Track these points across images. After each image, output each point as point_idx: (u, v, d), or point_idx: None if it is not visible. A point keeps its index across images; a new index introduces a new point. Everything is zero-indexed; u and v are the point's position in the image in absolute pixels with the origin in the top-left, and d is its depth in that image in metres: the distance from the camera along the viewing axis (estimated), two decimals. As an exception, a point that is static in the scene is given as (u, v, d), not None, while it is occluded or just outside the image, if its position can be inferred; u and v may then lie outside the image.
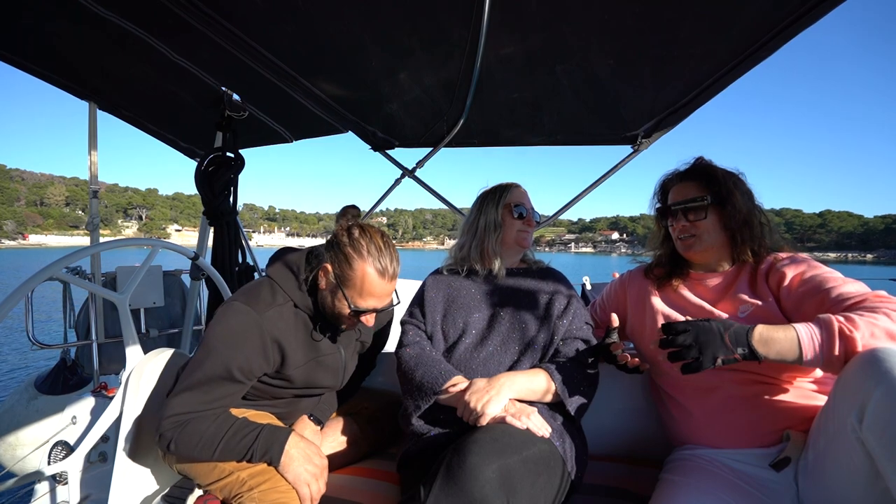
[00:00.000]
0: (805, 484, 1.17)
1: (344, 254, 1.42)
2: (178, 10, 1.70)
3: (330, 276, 1.44)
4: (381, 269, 1.42)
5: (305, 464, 1.36)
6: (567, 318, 1.55)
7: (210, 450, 1.31)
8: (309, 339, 1.52)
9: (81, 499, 1.75)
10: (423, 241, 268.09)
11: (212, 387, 1.34)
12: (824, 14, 1.50)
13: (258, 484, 1.31)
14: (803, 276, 1.33)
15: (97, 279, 3.14)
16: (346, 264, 1.42)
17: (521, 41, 1.86)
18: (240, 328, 1.37)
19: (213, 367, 1.34)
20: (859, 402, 0.98)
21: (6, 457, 2.76)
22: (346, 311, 1.45)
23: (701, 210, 1.49)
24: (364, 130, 2.92)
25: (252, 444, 1.33)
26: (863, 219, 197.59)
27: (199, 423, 1.32)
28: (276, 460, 1.34)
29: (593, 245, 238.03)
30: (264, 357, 1.40)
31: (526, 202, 1.73)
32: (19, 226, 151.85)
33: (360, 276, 1.41)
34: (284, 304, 1.46)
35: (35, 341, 2.84)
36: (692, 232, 1.50)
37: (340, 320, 1.49)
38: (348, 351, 1.67)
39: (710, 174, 1.51)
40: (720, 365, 1.15)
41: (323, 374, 1.57)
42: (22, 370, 7.93)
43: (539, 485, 1.14)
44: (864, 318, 1.10)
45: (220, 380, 1.35)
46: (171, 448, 1.31)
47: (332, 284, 1.45)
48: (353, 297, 1.43)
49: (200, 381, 1.34)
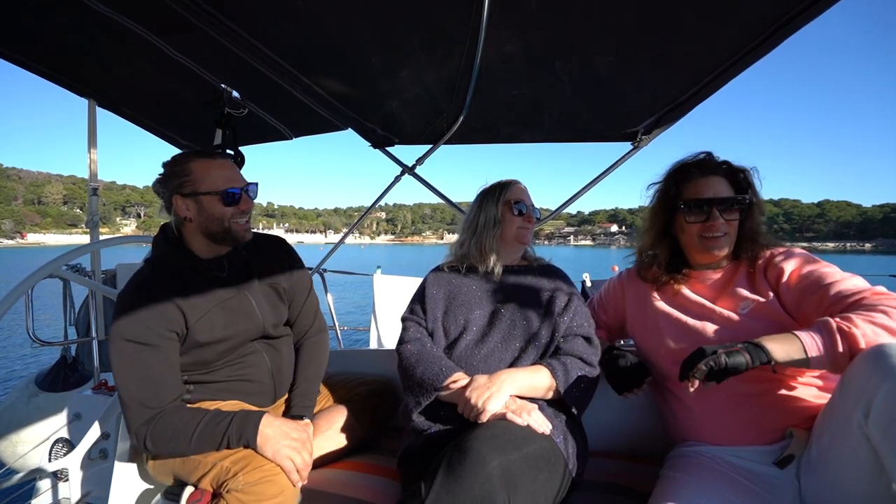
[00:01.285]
0: (807, 480, 1.17)
1: (174, 174, 1.49)
2: (177, 8, 1.70)
3: (184, 201, 1.48)
4: (204, 154, 1.55)
5: (282, 439, 1.38)
6: (568, 315, 1.55)
7: (186, 441, 1.34)
8: (200, 288, 1.51)
9: (82, 496, 1.75)
10: (423, 236, 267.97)
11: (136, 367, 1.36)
12: (825, 9, 1.49)
13: (242, 468, 1.32)
14: (801, 271, 1.33)
15: (97, 276, 3.14)
16: (183, 178, 1.47)
17: (521, 38, 1.85)
18: (125, 302, 1.40)
19: (122, 350, 1.37)
20: (866, 398, 0.97)
21: (7, 454, 2.77)
22: (220, 206, 1.48)
23: (739, 209, 1.45)
24: (364, 127, 2.91)
25: (226, 429, 1.35)
26: (861, 208, 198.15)
27: (169, 417, 1.36)
28: (252, 441, 1.36)
29: (592, 238, 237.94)
30: (159, 316, 1.40)
31: (526, 199, 1.73)
32: (17, 225, 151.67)
33: (196, 170, 1.48)
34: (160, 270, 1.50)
35: (35, 338, 2.84)
36: (725, 230, 1.45)
37: (226, 222, 1.50)
38: (256, 294, 1.62)
39: (737, 172, 1.48)
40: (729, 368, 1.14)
41: (236, 319, 1.55)
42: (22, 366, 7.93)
43: (540, 481, 1.15)
44: (861, 316, 1.11)
45: (133, 354, 1.37)
46: (149, 447, 1.34)
47: (191, 203, 1.48)
48: (210, 187, 1.47)
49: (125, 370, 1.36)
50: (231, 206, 1.50)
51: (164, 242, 1.54)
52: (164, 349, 1.41)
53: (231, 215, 1.50)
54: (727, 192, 1.46)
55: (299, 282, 1.79)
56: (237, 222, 1.53)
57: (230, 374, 1.59)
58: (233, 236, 1.53)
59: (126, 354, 1.37)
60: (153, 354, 1.39)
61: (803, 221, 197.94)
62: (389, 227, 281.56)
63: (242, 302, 1.59)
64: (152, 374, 1.38)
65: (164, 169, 1.52)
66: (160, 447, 1.35)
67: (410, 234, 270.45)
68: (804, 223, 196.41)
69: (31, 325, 2.81)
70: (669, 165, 1.59)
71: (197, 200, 1.48)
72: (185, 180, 1.47)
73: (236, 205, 1.51)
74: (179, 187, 1.47)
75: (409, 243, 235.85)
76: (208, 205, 1.48)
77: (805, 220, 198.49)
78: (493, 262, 1.67)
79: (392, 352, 1.70)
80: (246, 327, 1.58)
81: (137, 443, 1.35)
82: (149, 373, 1.38)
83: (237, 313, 1.56)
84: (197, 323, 1.46)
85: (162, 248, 1.53)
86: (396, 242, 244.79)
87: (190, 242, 1.54)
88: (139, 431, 1.34)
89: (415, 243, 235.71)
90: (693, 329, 1.45)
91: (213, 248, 1.57)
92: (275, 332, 1.68)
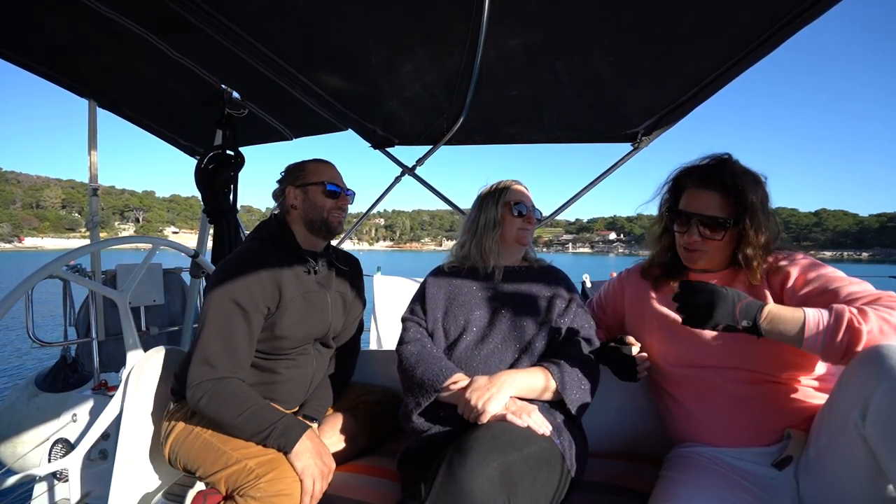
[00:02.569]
0: (805, 481, 1.17)
1: (291, 171, 1.73)
2: (178, 8, 1.70)
3: (293, 192, 1.70)
4: (318, 160, 1.76)
5: (316, 458, 1.40)
6: (568, 317, 1.56)
7: (235, 414, 1.38)
8: (295, 273, 1.63)
9: (82, 496, 1.75)
10: (421, 243, 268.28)
11: (227, 328, 1.45)
12: (824, 11, 1.49)
13: (265, 473, 1.33)
14: (807, 275, 1.30)
15: (97, 277, 3.14)
16: (297, 173, 1.71)
17: (522, 38, 1.86)
18: (233, 267, 1.52)
19: (219, 308, 1.46)
20: (863, 399, 0.98)
21: (7, 454, 2.76)
22: (322, 197, 1.68)
23: (719, 230, 1.37)
24: (364, 128, 2.92)
25: (274, 423, 1.39)
26: (858, 217, 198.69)
27: (234, 386, 1.42)
28: (290, 446, 1.38)
29: (591, 245, 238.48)
30: (261, 287, 1.51)
31: (526, 200, 1.72)
32: (15, 228, 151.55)
33: (310, 168, 1.72)
34: (267, 249, 1.62)
35: (35, 339, 2.84)
36: (702, 248, 1.41)
37: (325, 213, 1.69)
38: (332, 295, 1.74)
39: (738, 192, 1.35)
40: (720, 330, 1.18)
41: (314, 313, 1.66)
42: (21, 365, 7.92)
43: (539, 482, 1.15)
44: (878, 312, 1.07)
45: (231, 316, 1.46)
46: (202, 403, 1.39)
47: (299, 192, 1.70)
48: (317, 179, 1.70)
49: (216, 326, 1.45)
50: (331, 198, 1.70)
51: (273, 225, 1.71)
52: (254, 322, 1.50)
53: (330, 207, 1.69)
54: (715, 211, 1.37)
55: (359, 299, 1.93)
56: (334, 215, 1.71)
57: (282, 366, 1.64)
58: (328, 227, 1.70)
59: (225, 313, 1.46)
60: (244, 323, 1.48)
61: (800, 230, 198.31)
62: (388, 234, 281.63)
63: (322, 299, 1.70)
64: (236, 341, 1.47)
65: (286, 170, 1.76)
66: (211, 408, 1.39)
67: (409, 241, 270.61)
68: (801, 232, 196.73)
69: (31, 325, 2.81)
70: (679, 165, 1.53)
71: (305, 190, 1.69)
72: (299, 174, 1.71)
73: (335, 199, 1.71)
74: (294, 180, 1.70)
75: (408, 250, 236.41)
76: (313, 194, 1.68)
77: (802, 229, 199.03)
78: (493, 264, 1.67)
79: (392, 353, 1.70)
80: (317, 323, 1.68)
81: (192, 396, 1.40)
82: (235, 338, 1.47)
83: (316, 308, 1.67)
84: (287, 304, 1.57)
85: (270, 229, 1.69)
86: (395, 249, 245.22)
87: (293, 230, 1.71)
88: (202, 386, 1.39)
89: (413, 250, 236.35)
90: (688, 330, 1.44)
91: (311, 241, 1.73)
92: (331, 339, 1.78)
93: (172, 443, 1.52)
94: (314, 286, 1.68)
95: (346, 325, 1.86)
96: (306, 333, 1.65)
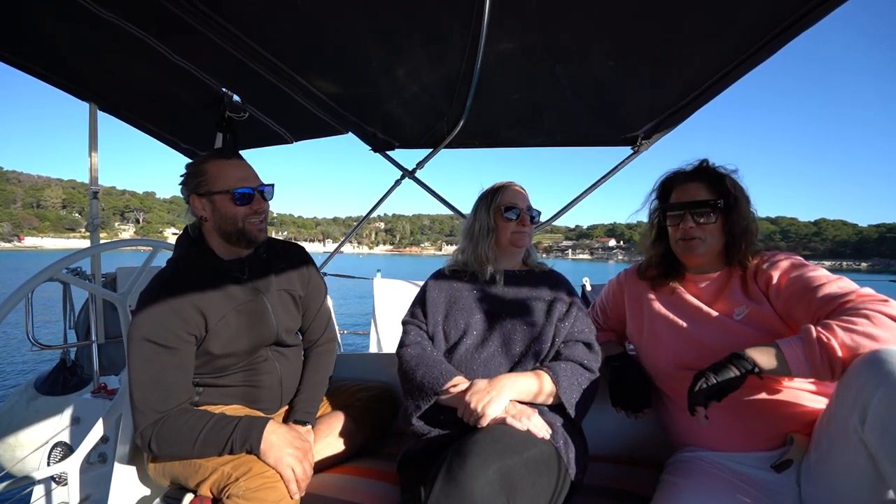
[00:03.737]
0: (807, 486, 1.17)
1: (192, 174, 1.53)
2: (178, 12, 1.71)
3: (199, 200, 1.51)
4: (220, 155, 1.58)
5: (286, 447, 1.38)
6: (569, 321, 1.55)
7: (190, 443, 1.34)
8: (220, 290, 1.52)
9: (81, 499, 1.75)
10: (421, 247, 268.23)
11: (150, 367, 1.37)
12: (824, 15, 1.50)
13: (243, 473, 1.31)
14: (789, 276, 1.34)
15: (97, 280, 3.14)
16: (199, 178, 1.51)
17: (521, 42, 1.86)
18: (146, 301, 1.41)
19: (137, 350, 1.37)
20: (861, 403, 0.98)
21: (6, 457, 2.76)
22: (232, 206, 1.50)
23: (712, 212, 1.46)
24: (364, 131, 2.92)
25: (231, 433, 1.35)
26: (857, 227, 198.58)
27: (175, 420, 1.36)
28: (255, 447, 1.36)
29: (590, 252, 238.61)
30: (179, 318, 1.41)
31: (519, 201, 1.71)
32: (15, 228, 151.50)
33: (211, 171, 1.50)
34: (181, 272, 1.51)
35: (35, 342, 2.84)
36: (698, 234, 1.47)
37: (239, 222, 1.52)
38: (271, 297, 1.63)
39: (719, 178, 1.49)
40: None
41: (253, 323, 1.56)
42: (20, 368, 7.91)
43: (539, 486, 1.14)
44: (841, 323, 1.11)
45: (150, 356, 1.37)
46: (153, 448, 1.34)
47: (206, 203, 1.51)
48: (222, 186, 1.49)
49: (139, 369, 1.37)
50: (243, 205, 1.51)
51: (186, 242, 1.56)
52: (181, 353, 1.42)
53: (244, 215, 1.52)
54: (704, 196, 1.47)
55: (315, 291, 1.80)
56: (251, 222, 1.54)
57: (241, 379, 1.60)
58: (246, 237, 1.54)
59: (143, 354, 1.37)
60: (169, 357, 1.40)
61: (800, 239, 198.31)
62: (388, 238, 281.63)
63: (259, 306, 1.59)
64: (166, 377, 1.39)
65: (185, 171, 1.56)
66: (164, 449, 1.35)
67: (409, 245, 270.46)
68: (801, 241, 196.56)
69: (30, 328, 2.81)
70: (662, 174, 1.62)
71: (211, 200, 1.50)
72: (200, 180, 1.50)
73: (248, 204, 1.52)
74: (196, 187, 1.51)
75: (408, 254, 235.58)
76: (221, 204, 1.50)
77: (802, 239, 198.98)
78: (490, 270, 1.68)
79: (392, 356, 1.70)
80: (260, 332, 1.59)
81: (142, 444, 1.36)
82: (162, 375, 1.38)
83: (254, 317, 1.57)
84: (216, 325, 1.48)
85: (185, 247, 1.55)
86: (395, 253, 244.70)
87: (210, 243, 1.57)
88: (145, 433, 1.35)
89: (413, 254, 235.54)
90: (688, 333, 1.45)
91: (232, 250, 1.59)
92: (287, 339, 1.68)
93: (152, 463, 1.50)
94: (247, 295, 1.57)
95: (308, 319, 1.80)
96: (251, 345, 1.57)
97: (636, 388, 1.59)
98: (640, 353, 1.64)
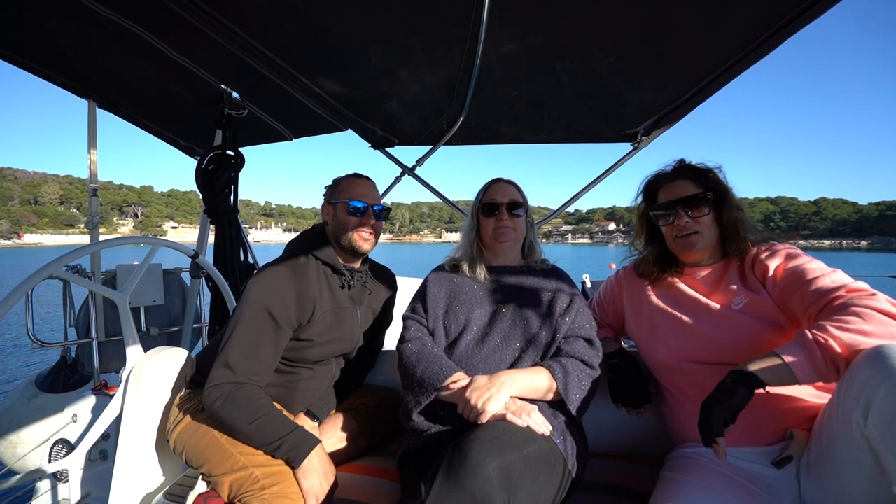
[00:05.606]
0: (807, 481, 1.17)
1: (331, 186, 1.76)
2: (177, 9, 1.70)
3: (327, 207, 1.73)
4: (354, 175, 1.77)
5: (322, 478, 1.38)
6: (569, 317, 1.55)
7: (249, 420, 1.37)
8: (330, 289, 1.66)
9: (82, 497, 1.75)
10: (421, 235, 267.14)
11: (256, 336, 1.46)
12: (825, 10, 1.50)
13: (271, 485, 1.32)
14: (785, 267, 1.36)
15: (97, 277, 3.14)
16: (334, 189, 1.75)
17: (521, 38, 1.85)
18: (275, 278, 1.53)
19: (253, 315, 1.46)
20: (864, 399, 0.98)
21: (7, 455, 2.77)
22: (345, 215, 1.67)
23: (704, 205, 1.49)
24: (363, 128, 2.91)
25: (285, 435, 1.38)
26: (857, 206, 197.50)
27: (251, 392, 1.42)
28: (298, 461, 1.36)
29: (590, 236, 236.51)
30: (297, 302, 1.53)
31: (499, 197, 1.71)
32: (14, 225, 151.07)
33: (343, 185, 1.73)
34: (307, 261, 1.64)
35: (35, 339, 2.84)
36: (695, 228, 1.49)
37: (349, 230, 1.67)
38: (362, 311, 1.78)
39: (703, 172, 1.54)
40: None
41: (342, 328, 1.68)
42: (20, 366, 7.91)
43: (540, 482, 1.15)
44: (834, 323, 1.12)
45: (262, 325, 1.46)
46: (218, 405, 1.38)
47: (330, 209, 1.72)
48: (344, 197, 1.69)
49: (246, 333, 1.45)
50: (355, 216, 1.67)
51: (315, 237, 1.74)
52: (283, 336, 1.53)
53: (354, 225, 1.67)
54: (692, 190, 1.51)
55: (387, 315, 1.96)
56: (359, 232, 1.68)
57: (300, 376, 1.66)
58: (352, 245, 1.68)
59: (256, 320, 1.47)
60: (274, 335, 1.50)
61: (800, 219, 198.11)
62: (387, 226, 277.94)
63: (352, 316, 1.72)
64: (264, 351, 1.48)
65: (331, 183, 1.80)
66: (225, 411, 1.38)
67: (408, 233, 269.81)
68: (801, 221, 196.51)
69: (31, 325, 2.81)
70: (643, 179, 1.67)
71: (334, 207, 1.71)
72: (334, 191, 1.74)
73: (359, 216, 1.68)
74: (329, 196, 1.75)
75: (407, 242, 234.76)
76: (339, 211, 1.69)
77: (801, 218, 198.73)
78: (481, 269, 1.70)
79: (393, 353, 1.70)
80: (344, 338, 1.70)
81: (208, 397, 1.40)
82: (263, 347, 1.48)
83: (345, 324, 1.69)
84: (317, 318, 1.59)
85: (313, 241, 1.72)
86: (394, 241, 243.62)
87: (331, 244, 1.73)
88: (220, 388, 1.39)
89: (413, 242, 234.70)
90: (688, 325, 1.46)
91: (345, 257, 1.74)
92: (354, 352, 1.81)
93: (180, 433, 1.51)
94: (347, 301, 1.71)
95: (372, 338, 1.90)
96: (333, 348, 1.69)
97: (636, 384, 1.60)
98: (640, 348, 1.65)
